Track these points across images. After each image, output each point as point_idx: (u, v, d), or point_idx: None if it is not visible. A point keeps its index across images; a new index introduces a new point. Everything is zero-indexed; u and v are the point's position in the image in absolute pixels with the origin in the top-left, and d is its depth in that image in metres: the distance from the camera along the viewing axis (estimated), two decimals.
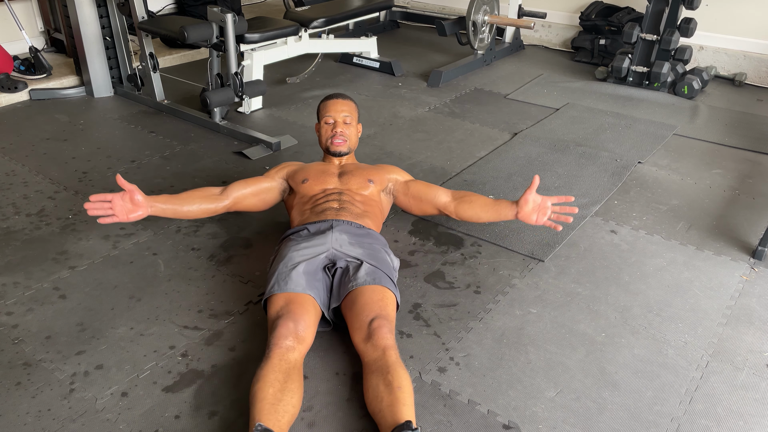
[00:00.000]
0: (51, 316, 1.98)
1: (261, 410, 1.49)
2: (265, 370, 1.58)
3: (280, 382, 1.55)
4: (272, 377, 1.56)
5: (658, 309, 2.06)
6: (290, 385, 1.56)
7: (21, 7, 4.27)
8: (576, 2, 4.90)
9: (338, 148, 2.28)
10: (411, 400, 1.56)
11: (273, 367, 1.58)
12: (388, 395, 1.54)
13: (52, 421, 1.60)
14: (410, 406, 1.54)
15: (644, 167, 3.02)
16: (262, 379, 1.55)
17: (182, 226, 2.48)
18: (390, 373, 1.59)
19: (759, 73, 4.23)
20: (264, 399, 1.51)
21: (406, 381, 1.58)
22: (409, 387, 1.58)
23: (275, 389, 1.53)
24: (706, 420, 1.65)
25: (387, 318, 1.75)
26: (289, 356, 1.62)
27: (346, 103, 2.33)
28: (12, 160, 3.01)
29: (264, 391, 1.52)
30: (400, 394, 1.54)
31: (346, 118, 2.29)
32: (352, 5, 4.17)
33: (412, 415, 1.51)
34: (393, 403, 1.53)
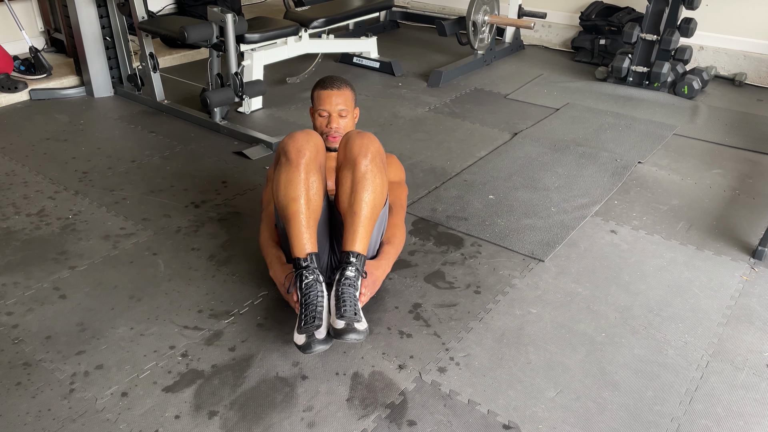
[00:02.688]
0: (51, 316, 1.98)
1: (301, 235, 1.80)
2: (295, 185, 1.80)
3: (311, 200, 1.81)
4: (305, 196, 1.81)
5: (658, 309, 2.06)
6: (316, 193, 1.83)
7: (21, 7, 4.27)
8: (576, 2, 4.90)
9: (333, 144, 2.29)
10: (364, 223, 1.82)
11: (301, 181, 1.81)
12: (349, 218, 1.83)
13: (52, 421, 1.60)
14: (360, 230, 1.82)
15: (644, 167, 3.02)
16: (296, 200, 1.80)
17: (182, 226, 2.48)
18: (353, 192, 1.84)
19: (759, 73, 4.23)
20: (301, 222, 1.80)
21: (364, 203, 1.82)
22: (368, 208, 1.82)
23: (309, 209, 1.81)
24: (706, 420, 1.65)
25: (370, 136, 1.92)
26: (311, 165, 1.83)
27: (342, 93, 2.20)
28: (12, 160, 3.01)
29: (300, 214, 1.80)
30: (355, 219, 1.82)
31: (341, 111, 2.21)
32: (352, 5, 4.17)
33: (358, 241, 1.81)
34: (348, 228, 1.83)
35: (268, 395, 1.69)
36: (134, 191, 2.74)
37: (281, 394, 1.69)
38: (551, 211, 2.62)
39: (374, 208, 1.84)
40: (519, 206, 2.65)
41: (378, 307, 2.02)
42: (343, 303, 1.72)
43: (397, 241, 2.08)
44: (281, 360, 1.81)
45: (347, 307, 1.71)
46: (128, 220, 2.52)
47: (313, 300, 1.74)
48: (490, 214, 2.59)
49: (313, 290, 1.76)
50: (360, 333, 1.68)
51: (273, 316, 1.99)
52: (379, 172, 1.86)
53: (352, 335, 1.67)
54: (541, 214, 2.59)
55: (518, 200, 2.70)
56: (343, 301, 1.73)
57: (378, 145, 1.91)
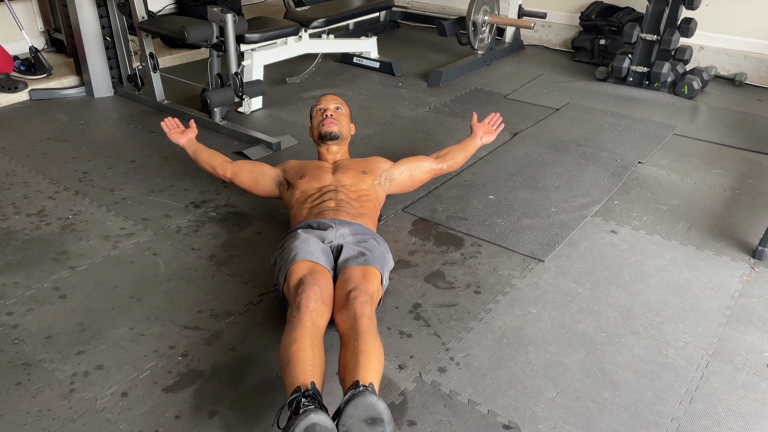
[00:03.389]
0: (51, 316, 1.98)
1: (305, 369, 1.51)
2: (300, 332, 1.60)
3: (316, 346, 1.59)
4: (309, 340, 1.59)
5: (658, 309, 2.06)
6: (321, 353, 1.60)
7: (21, 7, 4.27)
8: (576, 2, 4.90)
9: (329, 128, 2.30)
10: (373, 363, 1.54)
11: (307, 330, 1.62)
12: (352, 360, 1.54)
13: (52, 421, 1.60)
14: (369, 368, 1.51)
15: (644, 167, 3.02)
16: (300, 340, 1.58)
17: (182, 226, 2.48)
18: (357, 339, 1.60)
19: (759, 73, 4.23)
20: (306, 359, 1.53)
21: (372, 345, 1.58)
22: (375, 351, 1.57)
23: (313, 353, 1.57)
24: (706, 420, 1.65)
25: (365, 290, 1.77)
26: (319, 322, 1.67)
27: (339, 99, 2.49)
28: (12, 160, 3.01)
29: (305, 352, 1.55)
30: (362, 357, 1.53)
31: (337, 107, 2.38)
32: (352, 5, 4.17)
33: (369, 376, 1.48)
34: (353, 366, 1.52)
35: (268, 395, 1.69)
36: (134, 191, 2.74)
37: (281, 394, 1.69)
38: (551, 211, 2.62)
39: (382, 356, 1.60)
40: (519, 206, 2.65)
41: (378, 307, 2.02)
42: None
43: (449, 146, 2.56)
44: None
45: None
46: (128, 220, 2.52)
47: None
48: (490, 214, 2.59)
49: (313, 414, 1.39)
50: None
51: (273, 316, 1.99)
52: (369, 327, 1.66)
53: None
54: (541, 214, 2.59)
55: (518, 200, 2.70)
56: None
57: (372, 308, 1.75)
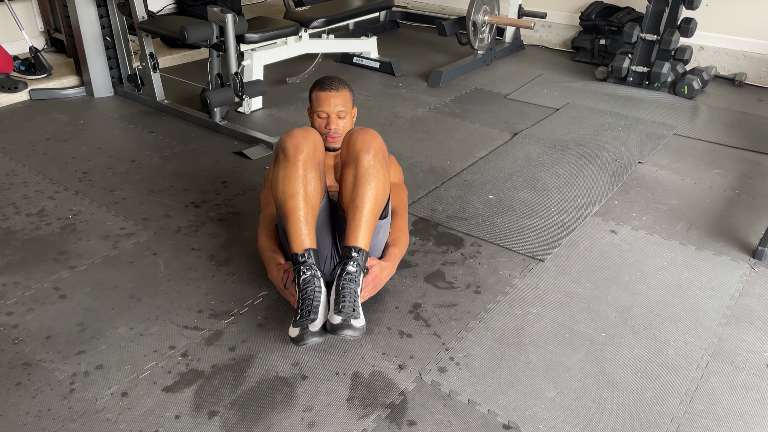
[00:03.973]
0: (51, 316, 1.98)
1: (299, 231, 1.79)
2: (293, 181, 1.80)
3: (309, 196, 1.81)
4: (303, 192, 1.81)
5: (658, 309, 2.06)
6: (314, 189, 1.83)
7: (21, 7, 4.27)
8: (576, 2, 4.89)
9: (332, 145, 2.28)
10: (367, 217, 1.81)
11: (299, 177, 1.81)
12: (351, 213, 1.82)
13: (52, 421, 1.60)
14: (363, 225, 1.80)
15: (644, 167, 3.02)
16: (295, 196, 1.80)
17: (182, 226, 2.48)
18: (356, 187, 1.84)
19: (759, 73, 4.23)
20: (299, 218, 1.79)
21: (366, 198, 1.81)
22: (369, 203, 1.82)
23: (307, 206, 1.80)
24: (706, 420, 1.65)
25: (373, 132, 1.92)
26: (308, 161, 1.84)
27: (340, 94, 2.19)
28: (12, 160, 3.01)
29: (299, 210, 1.80)
30: (357, 213, 1.81)
31: (340, 112, 2.20)
32: (352, 5, 4.17)
33: (360, 236, 1.80)
34: (350, 223, 1.82)
35: (268, 395, 1.69)
36: (134, 191, 2.74)
37: (281, 394, 1.69)
38: (551, 211, 2.62)
39: (377, 203, 1.84)
40: (519, 206, 2.65)
41: (378, 307, 2.02)
42: (342, 298, 1.73)
43: (402, 243, 2.11)
44: (281, 360, 1.81)
45: (346, 303, 1.72)
46: (128, 220, 2.52)
47: (310, 295, 1.75)
48: (490, 214, 2.59)
49: (310, 285, 1.76)
50: (356, 330, 1.69)
51: (273, 316, 1.99)
52: (381, 167, 1.87)
53: (348, 331, 1.68)
54: (541, 214, 2.59)
55: (518, 200, 2.70)
56: (343, 296, 1.73)
57: (380, 141, 1.92)
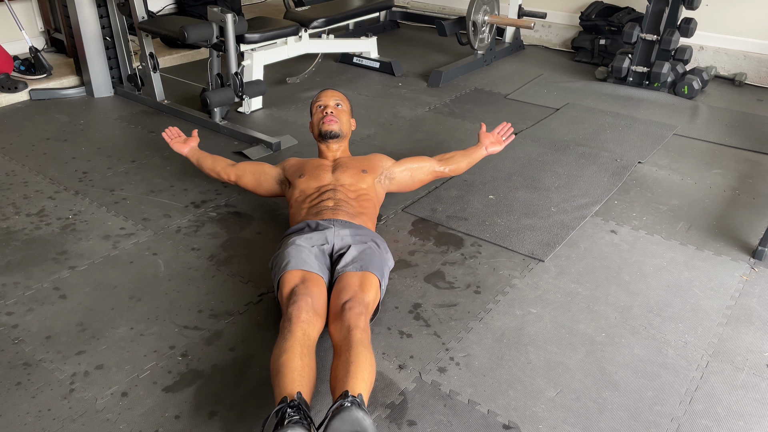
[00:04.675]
0: (51, 316, 1.98)
1: (293, 380, 1.51)
2: (290, 342, 1.60)
3: (306, 357, 1.59)
4: (299, 351, 1.59)
5: (658, 309, 2.06)
6: (312, 364, 1.60)
7: (21, 7, 4.27)
8: (576, 2, 4.90)
9: (329, 126, 2.28)
10: (364, 374, 1.54)
11: (298, 340, 1.62)
12: (343, 371, 1.54)
13: (52, 421, 1.60)
14: (359, 378, 1.52)
15: (644, 167, 3.02)
16: (290, 351, 1.58)
17: (182, 226, 2.48)
18: (349, 350, 1.59)
19: (759, 73, 4.23)
20: (294, 370, 1.54)
21: (363, 356, 1.58)
22: (366, 362, 1.57)
23: (303, 363, 1.57)
24: (706, 420, 1.65)
25: (361, 301, 1.76)
26: (310, 332, 1.66)
27: (340, 94, 2.43)
28: (12, 160, 3.01)
29: (293, 362, 1.55)
30: (352, 368, 1.54)
31: (337, 103, 2.33)
32: (352, 5, 4.17)
33: (359, 387, 1.49)
34: (343, 376, 1.52)
35: (268, 395, 1.68)
36: (134, 191, 2.74)
37: None
38: (551, 211, 2.62)
39: (373, 368, 1.60)
40: (519, 206, 2.65)
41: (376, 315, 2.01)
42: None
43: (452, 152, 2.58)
44: None
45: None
46: (128, 220, 2.52)
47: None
48: (490, 214, 2.59)
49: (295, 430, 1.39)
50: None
51: (273, 316, 1.99)
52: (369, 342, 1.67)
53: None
54: (541, 214, 2.59)
55: (518, 200, 2.70)
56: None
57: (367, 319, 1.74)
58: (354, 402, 1.41)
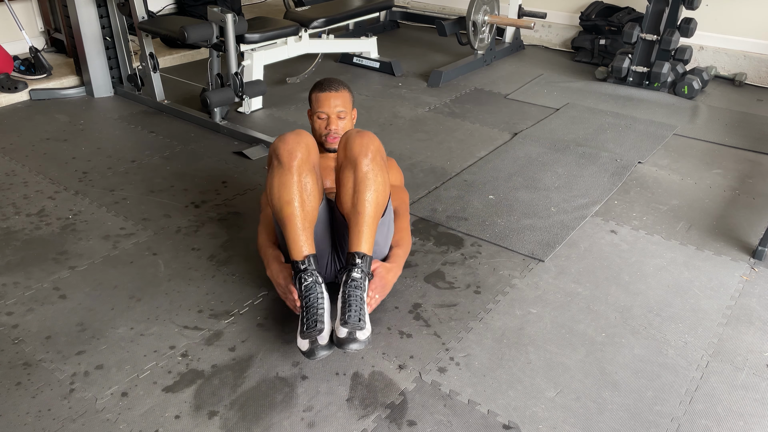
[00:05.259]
0: (51, 316, 1.98)
1: (297, 238, 1.77)
2: (288, 188, 1.77)
3: (305, 201, 1.78)
4: (299, 198, 1.77)
5: (658, 309, 2.06)
6: (310, 194, 1.79)
7: (21, 7, 4.27)
8: (576, 2, 4.90)
9: (332, 145, 2.27)
10: (369, 222, 1.79)
11: (294, 183, 1.78)
12: (353, 218, 1.80)
13: (52, 421, 1.60)
14: (365, 230, 1.78)
15: (644, 167, 3.02)
16: (290, 203, 1.77)
17: (182, 226, 2.48)
18: (356, 192, 1.81)
19: (759, 73, 4.23)
20: (296, 224, 1.77)
21: (367, 203, 1.79)
22: (371, 208, 1.79)
23: (304, 211, 1.78)
24: (706, 420, 1.65)
25: (371, 135, 1.89)
26: (303, 166, 1.80)
27: (340, 95, 2.23)
28: (12, 160, 3.01)
29: (295, 217, 1.77)
30: (359, 218, 1.79)
31: (340, 113, 2.22)
32: (352, 5, 4.17)
33: (363, 241, 1.77)
34: (352, 228, 1.80)
35: (268, 395, 1.69)
36: (134, 191, 2.74)
37: (281, 394, 1.69)
38: (551, 211, 2.62)
39: (378, 207, 1.82)
40: (519, 206, 2.65)
41: (378, 307, 2.01)
42: (348, 307, 1.69)
43: (405, 244, 2.09)
44: (281, 360, 1.81)
45: (352, 312, 1.68)
46: (128, 220, 2.52)
47: (313, 302, 1.72)
48: (490, 214, 2.59)
49: (313, 292, 1.74)
50: (360, 342, 1.65)
51: (273, 316, 1.99)
52: (380, 170, 1.85)
53: (353, 345, 1.64)
54: (541, 214, 2.59)
55: (518, 200, 2.70)
56: (349, 305, 1.70)
57: (378, 143, 1.90)
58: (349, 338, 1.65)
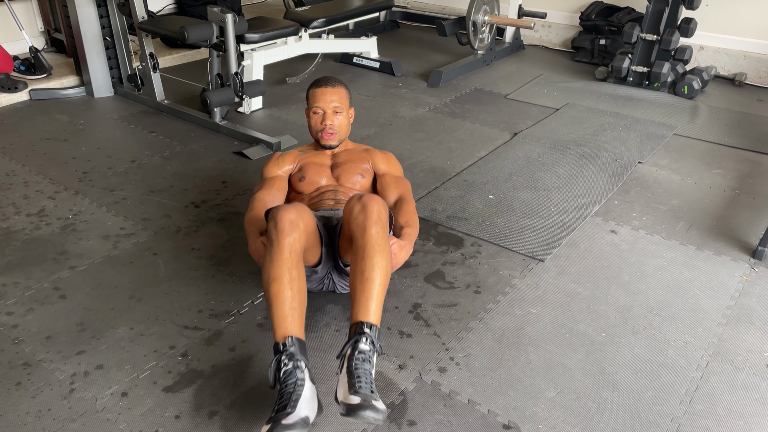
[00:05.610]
0: (51, 316, 1.98)
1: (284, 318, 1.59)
2: (278, 268, 1.64)
3: (296, 281, 1.63)
4: (287, 277, 1.63)
5: (658, 309, 2.06)
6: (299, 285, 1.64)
7: (21, 7, 4.27)
8: (576, 2, 4.90)
9: (328, 141, 2.22)
10: (378, 291, 1.63)
11: (285, 263, 1.64)
12: (360, 285, 1.63)
13: (52, 421, 1.60)
14: (374, 298, 1.62)
15: (644, 167, 3.02)
16: (279, 281, 1.62)
17: (182, 226, 2.48)
18: (365, 260, 1.65)
19: (759, 73, 4.23)
20: (285, 303, 1.60)
21: (378, 269, 1.64)
22: (380, 276, 1.64)
23: (293, 292, 1.61)
24: (706, 420, 1.65)
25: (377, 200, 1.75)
26: (296, 246, 1.68)
27: (336, 90, 2.20)
28: (12, 160, 3.01)
29: (283, 294, 1.61)
30: (368, 285, 1.62)
31: (336, 108, 2.18)
32: (352, 5, 4.17)
33: (372, 310, 1.60)
34: (360, 296, 1.62)
35: (268, 395, 1.69)
36: (134, 191, 2.74)
37: None
38: (551, 211, 2.62)
39: (387, 276, 1.68)
40: (519, 206, 2.65)
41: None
42: (357, 379, 1.51)
43: (415, 224, 2.04)
44: None
45: (362, 383, 1.49)
46: (128, 220, 2.52)
47: (289, 388, 1.50)
48: (490, 214, 2.59)
49: (291, 378, 1.51)
50: (379, 412, 1.43)
51: None
52: (387, 240, 1.73)
53: (370, 413, 1.42)
54: (541, 214, 2.59)
55: (518, 200, 2.70)
56: (358, 376, 1.51)
57: (385, 211, 1.77)
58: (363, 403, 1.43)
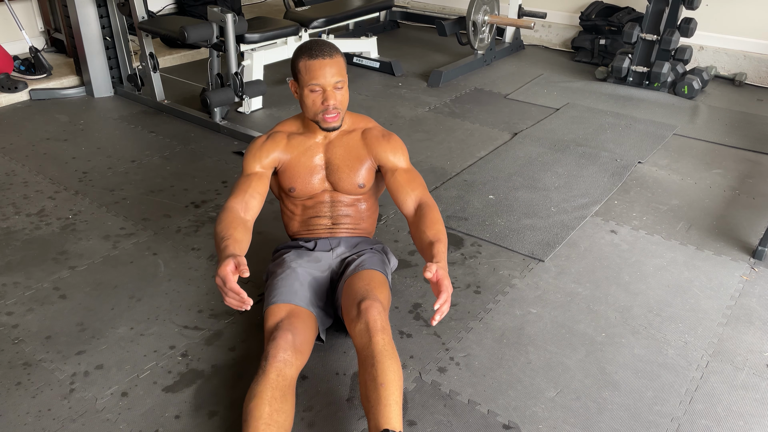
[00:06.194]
0: (51, 316, 1.98)
1: (256, 429, 1.43)
2: (262, 386, 1.50)
3: (277, 401, 1.49)
4: (269, 395, 1.49)
5: (658, 309, 2.06)
6: (285, 406, 1.50)
7: (21, 7, 4.27)
8: (576, 2, 4.89)
9: (332, 123, 1.84)
10: (395, 396, 1.49)
11: (270, 383, 1.51)
12: (374, 393, 1.49)
13: (52, 421, 1.60)
14: (393, 404, 1.47)
15: (644, 167, 3.02)
16: (259, 396, 1.48)
17: (182, 226, 2.48)
18: (375, 366, 1.52)
19: (759, 73, 4.23)
20: (260, 418, 1.45)
21: (392, 373, 1.52)
22: (395, 381, 1.51)
23: (271, 408, 1.47)
24: (706, 420, 1.65)
25: (375, 298, 1.67)
26: (286, 372, 1.55)
27: (336, 61, 1.77)
28: (12, 160, 3.01)
29: (260, 410, 1.46)
30: (383, 391, 1.48)
31: (337, 83, 1.77)
32: (352, 5, 4.17)
33: (394, 416, 1.46)
34: (376, 404, 1.47)
35: None
36: (134, 191, 2.74)
37: None
38: (551, 211, 2.62)
39: (401, 378, 1.57)
40: (519, 206, 2.65)
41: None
42: None
43: (444, 237, 1.78)
44: None
45: None
46: (128, 220, 2.52)
47: None
48: (490, 214, 2.59)
49: None
50: None
51: None
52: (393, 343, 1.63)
53: None
54: (541, 214, 2.59)
55: (518, 200, 2.70)
56: None
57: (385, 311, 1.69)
58: None
